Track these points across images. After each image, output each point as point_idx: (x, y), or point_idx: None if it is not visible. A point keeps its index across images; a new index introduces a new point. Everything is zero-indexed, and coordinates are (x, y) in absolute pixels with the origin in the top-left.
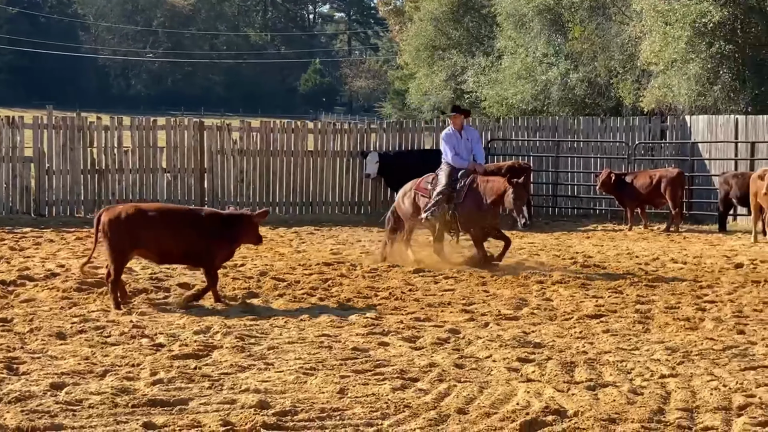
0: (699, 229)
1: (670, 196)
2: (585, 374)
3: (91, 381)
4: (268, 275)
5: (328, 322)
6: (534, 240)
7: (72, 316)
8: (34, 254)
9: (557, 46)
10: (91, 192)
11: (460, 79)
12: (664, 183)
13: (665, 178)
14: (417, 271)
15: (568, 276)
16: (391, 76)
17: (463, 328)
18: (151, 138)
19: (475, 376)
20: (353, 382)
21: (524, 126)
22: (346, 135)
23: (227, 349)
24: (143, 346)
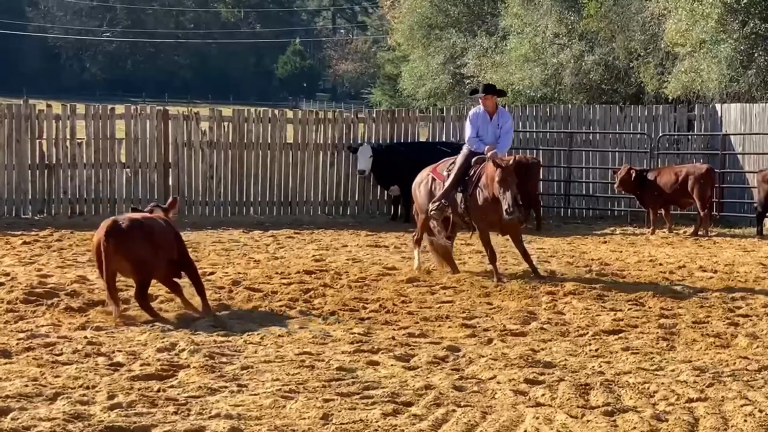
0: (731, 232)
1: (698, 196)
2: (602, 398)
3: (40, 405)
4: (241, 285)
5: (309, 339)
6: (544, 245)
7: (18, 332)
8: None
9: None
10: (40, 190)
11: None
12: (692, 180)
13: (692, 174)
14: (411, 280)
15: (583, 286)
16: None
17: (463, 345)
18: (108, 128)
19: (477, 400)
20: (338, 407)
21: (533, 115)
22: (330, 125)
23: (195, 368)
24: (99, 366)
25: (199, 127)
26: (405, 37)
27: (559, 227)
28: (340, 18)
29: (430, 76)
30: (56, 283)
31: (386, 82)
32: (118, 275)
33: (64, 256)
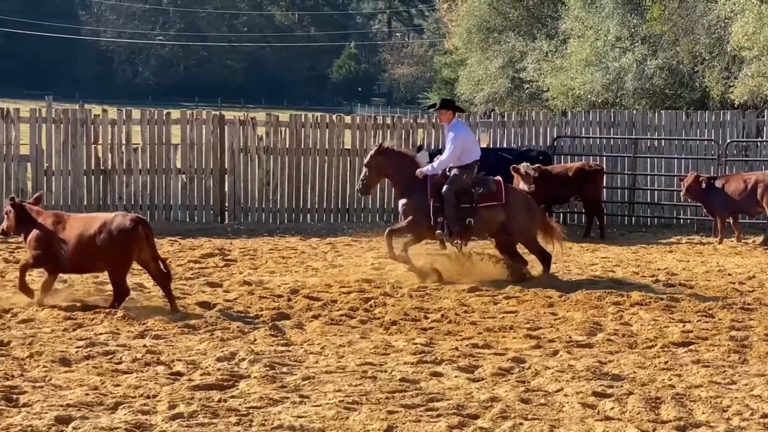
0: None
1: (767, 203)
2: (673, 412)
3: (101, 414)
4: (300, 293)
5: (371, 349)
6: (608, 254)
7: (77, 339)
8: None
9: (632, 27)
10: (96, 195)
11: (519, 66)
12: (761, 188)
13: (762, 182)
14: (472, 289)
15: (650, 296)
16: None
17: (528, 357)
18: (164, 134)
19: (544, 413)
20: (402, 419)
21: (596, 121)
22: (388, 131)
23: (256, 379)
24: (159, 375)
25: (255, 132)
26: (462, 41)
27: (624, 236)
28: (396, 21)
29: (488, 81)
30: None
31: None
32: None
33: None
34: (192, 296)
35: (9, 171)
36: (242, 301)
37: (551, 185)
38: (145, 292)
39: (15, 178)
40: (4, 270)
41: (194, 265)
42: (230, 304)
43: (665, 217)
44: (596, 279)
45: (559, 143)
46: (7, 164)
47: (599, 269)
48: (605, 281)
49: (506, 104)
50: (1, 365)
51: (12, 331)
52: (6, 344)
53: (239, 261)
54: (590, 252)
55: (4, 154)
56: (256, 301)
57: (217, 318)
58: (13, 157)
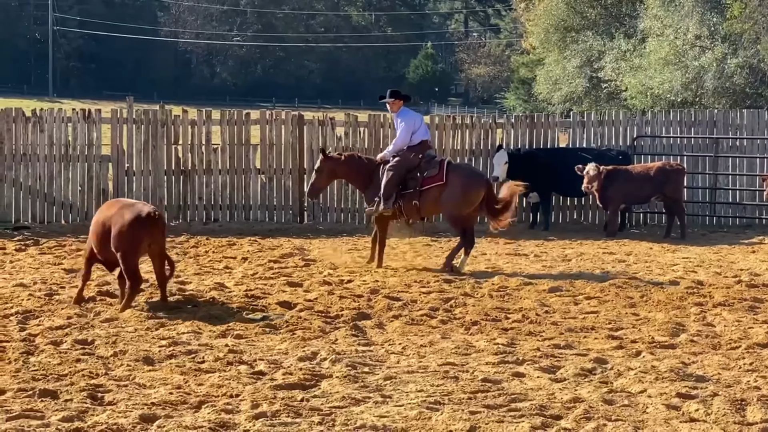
0: None
1: None
2: (759, 414)
3: (185, 413)
4: (380, 293)
5: (452, 349)
6: (689, 254)
7: (159, 339)
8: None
9: (712, 26)
10: (176, 195)
11: (597, 65)
12: None
13: None
14: (553, 289)
15: (732, 297)
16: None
17: (610, 357)
18: (243, 134)
19: (627, 414)
20: (486, 419)
21: (676, 120)
22: (467, 130)
23: (338, 378)
24: (242, 374)
25: (334, 132)
26: (540, 40)
27: (705, 236)
28: (473, 21)
29: (566, 80)
30: (195, 290)
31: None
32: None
33: (200, 263)
34: (273, 296)
35: (91, 171)
36: (322, 300)
37: (632, 185)
38: (226, 292)
39: (97, 178)
40: None
41: (274, 265)
42: (311, 303)
43: (747, 217)
44: (678, 279)
45: (639, 143)
46: (89, 164)
47: (681, 269)
48: (687, 281)
49: (584, 104)
50: (86, 364)
51: (96, 330)
52: (90, 343)
53: (318, 261)
54: (671, 252)
55: (86, 154)
56: (337, 301)
57: (299, 318)
58: (94, 157)
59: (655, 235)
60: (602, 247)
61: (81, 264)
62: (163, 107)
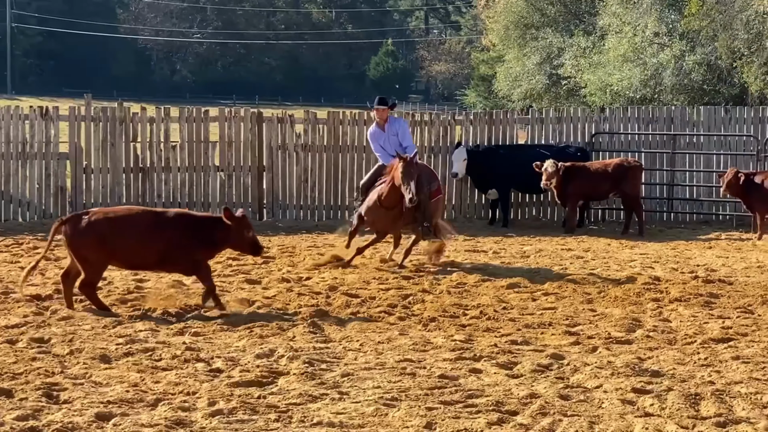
0: None
1: None
2: (713, 408)
3: (141, 411)
4: (338, 290)
5: (410, 345)
6: (647, 250)
7: (117, 337)
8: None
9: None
10: (134, 193)
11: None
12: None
13: None
14: (511, 286)
15: (689, 293)
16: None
17: (567, 353)
18: (202, 131)
19: (583, 410)
20: (442, 415)
21: (634, 117)
22: (426, 128)
23: (295, 375)
24: (199, 372)
25: (293, 129)
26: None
27: (662, 232)
28: (433, 18)
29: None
30: (153, 287)
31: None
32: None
33: None
34: (231, 293)
35: (49, 169)
36: (281, 298)
37: (590, 182)
38: (184, 289)
39: (54, 176)
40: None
41: (233, 263)
42: (269, 301)
43: (704, 213)
44: (635, 275)
45: (598, 139)
46: (47, 162)
47: (638, 265)
48: (644, 277)
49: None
50: (42, 362)
51: (52, 329)
52: (46, 341)
53: (278, 258)
54: (629, 248)
55: (43, 152)
56: (295, 298)
57: (256, 315)
58: (52, 155)
59: (613, 232)
60: (561, 244)
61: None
62: (122, 105)
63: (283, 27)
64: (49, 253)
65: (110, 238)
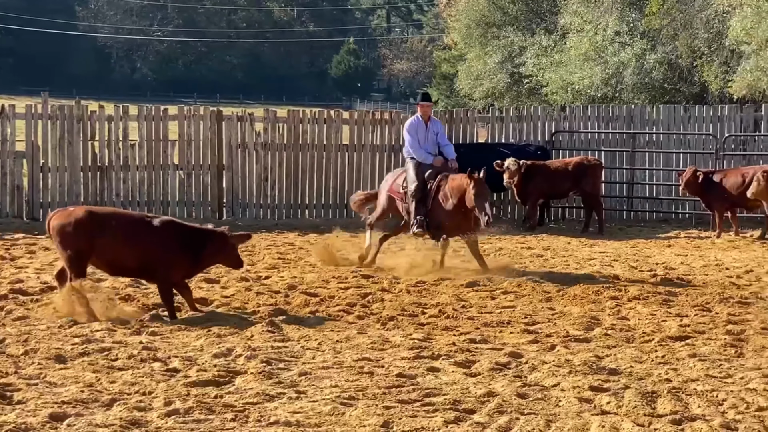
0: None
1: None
2: (669, 406)
3: (96, 411)
4: (297, 289)
5: (368, 344)
6: (606, 249)
7: (72, 336)
8: (27, 264)
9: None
10: (93, 192)
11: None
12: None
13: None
14: (470, 284)
15: (647, 291)
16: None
17: (525, 352)
18: (161, 130)
19: (540, 408)
20: (399, 414)
21: (594, 116)
22: (387, 126)
23: (252, 374)
24: (155, 371)
25: (253, 128)
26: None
27: (622, 230)
28: (395, 16)
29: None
30: (110, 286)
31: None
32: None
33: None
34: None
35: (5, 167)
36: (239, 297)
37: (550, 180)
38: (142, 288)
39: (11, 174)
40: None
41: None
42: (227, 300)
43: (663, 212)
44: (594, 274)
45: (558, 138)
46: (3, 160)
47: (597, 264)
48: (603, 276)
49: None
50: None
51: (7, 329)
52: (1, 341)
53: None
54: (588, 247)
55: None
56: (254, 297)
57: (214, 314)
58: (8, 153)
59: (573, 230)
60: (521, 242)
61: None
62: (79, 103)
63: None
64: (6, 253)
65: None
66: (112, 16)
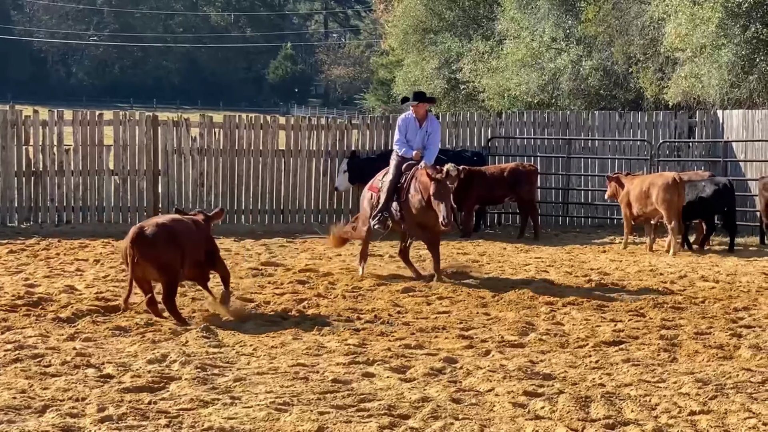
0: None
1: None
2: (602, 411)
3: (28, 418)
4: (233, 295)
5: (303, 350)
6: (542, 254)
7: (5, 343)
8: None
9: (567, 28)
10: (27, 197)
11: (455, 66)
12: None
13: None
14: (406, 290)
15: (582, 296)
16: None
17: (460, 357)
18: (96, 135)
19: (475, 413)
20: (334, 420)
21: (530, 121)
22: (323, 132)
23: (187, 380)
24: (89, 378)
25: (189, 133)
26: (399, 42)
27: (558, 236)
28: (333, 22)
29: (425, 81)
30: (44, 292)
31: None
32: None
33: (51, 265)
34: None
35: None
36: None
37: (486, 186)
38: (76, 294)
39: None
40: None
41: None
42: (162, 305)
43: (599, 217)
44: (530, 279)
45: (494, 144)
46: None
47: (533, 269)
48: (538, 281)
49: (443, 105)
50: None
51: None
52: None
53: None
54: (524, 252)
55: None
56: (189, 302)
57: (149, 320)
58: None
59: (509, 236)
60: (457, 248)
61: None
62: (13, 107)
63: (181, 30)
64: None
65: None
66: (47, 20)
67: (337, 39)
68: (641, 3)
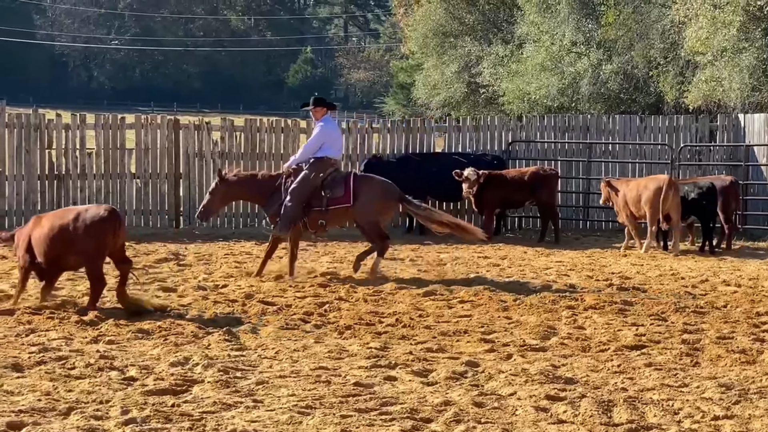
0: (755, 246)
1: (721, 208)
2: (625, 415)
3: (53, 420)
4: (254, 298)
5: (325, 353)
6: (563, 258)
7: (29, 345)
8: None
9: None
10: (50, 200)
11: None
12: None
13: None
14: (427, 294)
15: (603, 300)
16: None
17: (482, 361)
18: (118, 138)
19: (497, 417)
20: (356, 423)
21: (550, 125)
22: (344, 136)
23: (209, 383)
24: (112, 380)
25: (210, 137)
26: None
27: (578, 240)
28: (353, 26)
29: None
30: (67, 295)
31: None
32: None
33: None
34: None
35: None
36: (197, 305)
37: (506, 189)
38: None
39: None
40: None
41: (149, 270)
42: (185, 309)
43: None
44: (551, 283)
45: (514, 147)
46: None
47: (554, 273)
48: (560, 285)
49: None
50: None
51: None
52: None
53: (194, 266)
54: (545, 256)
55: None
56: (211, 306)
57: (172, 323)
58: None
59: (530, 240)
60: (477, 252)
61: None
62: (36, 111)
63: (201, 34)
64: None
65: None
66: (69, 25)
67: (356, 43)
68: (661, 7)
